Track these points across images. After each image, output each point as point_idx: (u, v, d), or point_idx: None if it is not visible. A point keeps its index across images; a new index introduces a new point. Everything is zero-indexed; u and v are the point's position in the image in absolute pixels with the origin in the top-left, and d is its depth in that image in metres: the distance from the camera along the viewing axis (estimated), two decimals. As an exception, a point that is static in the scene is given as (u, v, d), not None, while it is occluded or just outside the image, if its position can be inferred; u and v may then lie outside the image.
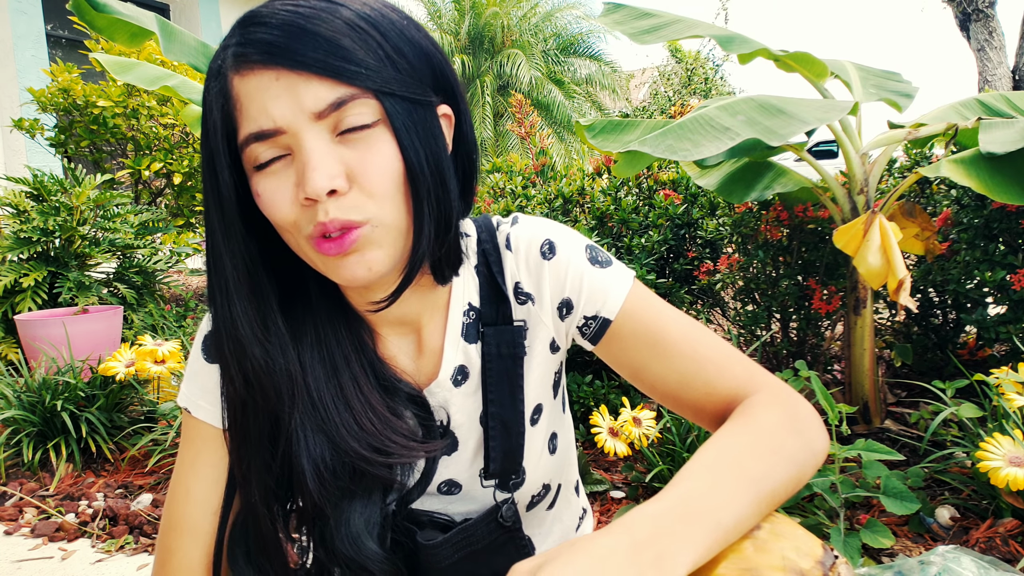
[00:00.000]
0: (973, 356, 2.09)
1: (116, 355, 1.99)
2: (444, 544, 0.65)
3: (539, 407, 0.71)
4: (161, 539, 0.67)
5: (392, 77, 0.53)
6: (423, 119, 0.55)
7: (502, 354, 0.67)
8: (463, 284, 0.69)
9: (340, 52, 0.51)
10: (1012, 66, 5.80)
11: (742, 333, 2.31)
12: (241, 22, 0.54)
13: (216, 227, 0.57)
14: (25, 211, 3.18)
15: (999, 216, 1.81)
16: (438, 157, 0.56)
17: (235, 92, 0.53)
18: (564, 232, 0.69)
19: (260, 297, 0.59)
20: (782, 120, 1.49)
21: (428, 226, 0.57)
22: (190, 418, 0.67)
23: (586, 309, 0.67)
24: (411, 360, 0.69)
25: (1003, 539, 1.29)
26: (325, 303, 0.64)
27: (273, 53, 0.51)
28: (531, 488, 0.71)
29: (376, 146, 0.53)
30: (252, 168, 0.55)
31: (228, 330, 0.58)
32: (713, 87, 16.80)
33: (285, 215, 0.54)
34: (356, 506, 0.62)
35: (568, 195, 2.46)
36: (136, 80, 2.16)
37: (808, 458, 0.57)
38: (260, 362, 0.58)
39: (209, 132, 0.54)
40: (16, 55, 5.88)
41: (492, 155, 13.06)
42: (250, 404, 0.60)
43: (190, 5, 7.75)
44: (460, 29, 14.32)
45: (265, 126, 0.52)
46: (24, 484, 1.94)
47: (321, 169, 0.51)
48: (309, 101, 0.51)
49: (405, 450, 0.61)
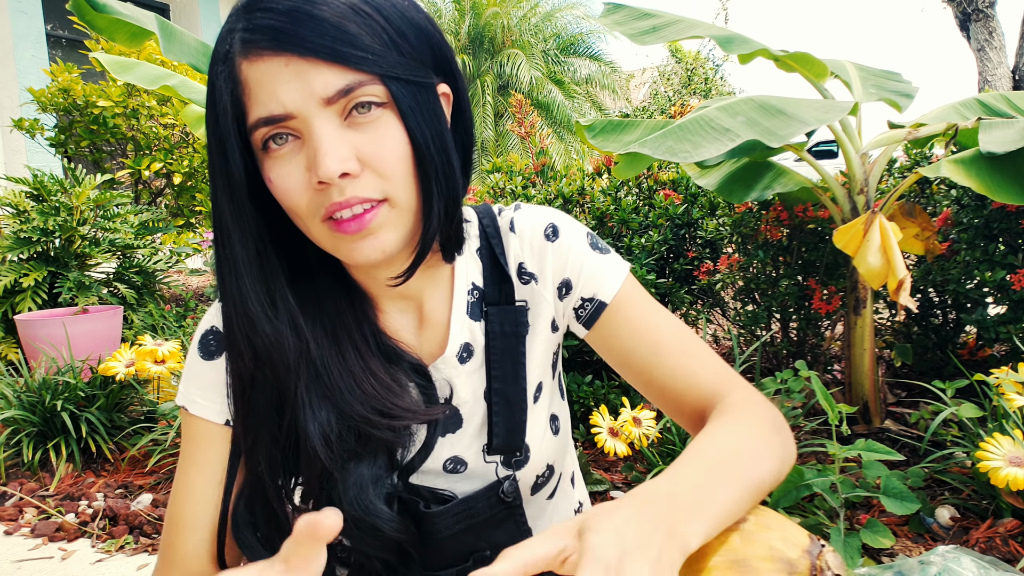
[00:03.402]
0: (973, 356, 2.09)
1: (116, 355, 1.99)
2: (445, 514, 0.67)
3: (540, 385, 0.73)
4: (164, 535, 0.68)
5: (397, 61, 0.55)
6: (427, 101, 0.57)
7: (505, 332, 0.70)
8: (465, 265, 0.71)
9: (347, 38, 0.52)
10: (1012, 66, 5.80)
11: (742, 333, 2.31)
12: (246, 6, 0.54)
13: (225, 208, 0.58)
14: (25, 211, 3.18)
15: (999, 216, 1.81)
16: (443, 137, 0.58)
17: (244, 77, 0.54)
18: (566, 218, 0.72)
19: (269, 275, 0.60)
20: (782, 120, 1.49)
21: (438, 205, 0.59)
22: (188, 416, 0.68)
23: (584, 291, 0.70)
24: (413, 334, 0.71)
25: (1003, 539, 1.30)
26: (326, 277, 0.66)
27: (281, 40, 0.52)
28: (535, 468, 0.73)
29: (384, 129, 0.55)
30: (262, 151, 0.56)
31: (238, 307, 0.59)
32: (713, 87, 16.80)
33: (298, 200, 0.56)
34: (363, 469, 0.63)
35: (568, 195, 2.46)
36: (136, 80, 2.16)
37: (787, 455, 0.61)
38: (270, 338, 0.59)
39: (219, 116, 0.55)
40: (16, 55, 5.89)
41: (492, 155, 13.06)
42: (259, 378, 0.61)
43: (190, 5, 7.75)
44: (460, 29, 14.32)
45: (275, 111, 0.53)
46: (24, 484, 1.94)
47: (333, 153, 0.53)
48: (318, 87, 0.52)
49: (408, 412, 0.63)
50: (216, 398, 0.65)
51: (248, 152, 0.57)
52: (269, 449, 0.62)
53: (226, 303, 0.60)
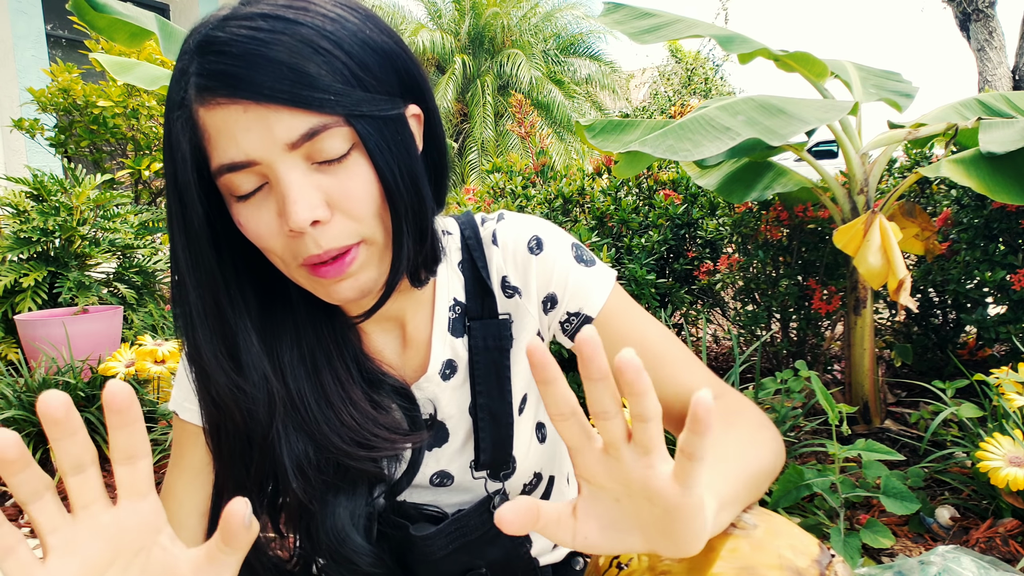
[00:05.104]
0: (973, 356, 2.08)
1: (116, 355, 1.99)
2: (438, 535, 0.66)
3: (525, 397, 0.73)
4: None
5: (361, 98, 0.52)
6: (395, 133, 0.55)
7: (488, 347, 0.69)
8: (447, 280, 0.70)
9: (306, 79, 0.49)
10: (1012, 66, 5.80)
11: (742, 333, 2.31)
12: (199, 48, 0.51)
13: (181, 257, 0.55)
14: (25, 211, 3.17)
15: (999, 216, 1.81)
16: (412, 170, 0.56)
17: (202, 124, 0.52)
18: (550, 229, 0.70)
19: (229, 326, 0.58)
20: (782, 120, 1.49)
21: (407, 241, 0.57)
22: (178, 420, 0.69)
23: (569, 305, 0.69)
24: (396, 355, 0.70)
25: (1003, 539, 1.29)
26: (304, 303, 0.64)
27: (237, 87, 0.49)
28: (522, 477, 0.72)
29: (353, 170, 0.53)
30: (231, 197, 0.54)
31: (193, 358, 0.58)
32: (713, 87, 16.80)
33: (272, 244, 0.54)
34: (341, 500, 0.62)
35: (568, 195, 2.45)
36: (136, 80, 2.16)
37: (778, 449, 0.62)
38: (225, 390, 0.58)
39: (177, 164, 0.53)
40: (16, 55, 5.88)
41: (492, 155, 13.05)
42: (221, 426, 0.61)
43: (190, 5, 7.75)
44: (460, 29, 14.32)
45: (237, 159, 0.51)
46: (24, 484, 1.94)
47: (301, 201, 0.51)
48: (281, 132, 0.50)
49: (388, 443, 0.62)
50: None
51: (214, 194, 0.55)
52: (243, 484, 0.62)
53: (184, 348, 0.59)
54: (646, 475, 0.39)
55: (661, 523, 0.40)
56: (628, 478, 0.40)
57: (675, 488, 0.38)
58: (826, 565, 0.50)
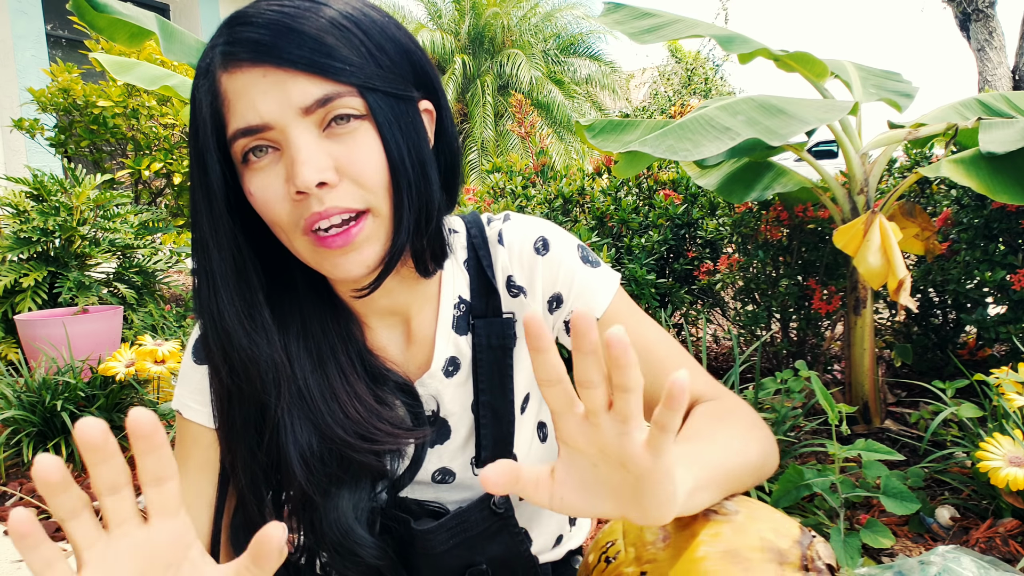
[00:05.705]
0: (973, 356, 2.08)
1: (116, 355, 2.00)
2: (439, 530, 0.67)
3: (528, 396, 0.73)
4: None
5: (375, 73, 0.55)
6: (405, 113, 0.57)
7: (492, 345, 0.70)
8: (452, 278, 0.71)
9: (325, 49, 0.53)
10: (1012, 66, 5.80)
11: (742, 333, 2.31)
12: (228, 22, 0.55)
13: (204, 221, 0.58)
14: (25, 211, 3.17)
15: (999, 216, 1.81)
16: (420, 150, 0.58)
17: (223, 89, 0.55)
18: (556, 230, 0.72)
19: (247, 290, 0.60)
20: (782, 120, 1.49)
21: (408, 217, 0.58)
22: (181, 419, 0.68)
23: (575, 305, 0.70)
24: (400, 350, 0.71)
25: (1003, 539, 1.29)
26: (312, 295, 0.66)
27: (260, 51, 0.52)
28: None
29: (362, 140, 0.55)
30: (242, 164, 0.56)
31: (215, 320, 0.59)
32: (713, 87, 16.80)
33: (278, 211, 0.56)
34: (344, 493, 0.63)
35: (568, 195, 2.45)
36: (136, 80, 2.16)
37: (770, 447, 0.63)
38: (246, 352, 0.59)
39: (199, 129, 0.56)
40: (16, 55, 5.88)
41: (492, 155, 13.06)
42: (236, 394, 0.61)
43: (190, 5, 7.75)
44: (460, 29, 14.32)
45: (253, 122, 0.53)
46: (24, 484, 1.94)
47: (310, 163, 0.53)
48: (296, 97, 0.53)
49: (391, 437, 0.63)
50: (207, 402, 0.66)
51: (229, 166, 0.57)
52: (249, 466, 0.62)
53: (203, 316, 0.60)
54: (622, 442, 0.41)
55: (632, 489, 0.43)
56: (605, 444, 0.42)
57: (646, 455, 0.41)
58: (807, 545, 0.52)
